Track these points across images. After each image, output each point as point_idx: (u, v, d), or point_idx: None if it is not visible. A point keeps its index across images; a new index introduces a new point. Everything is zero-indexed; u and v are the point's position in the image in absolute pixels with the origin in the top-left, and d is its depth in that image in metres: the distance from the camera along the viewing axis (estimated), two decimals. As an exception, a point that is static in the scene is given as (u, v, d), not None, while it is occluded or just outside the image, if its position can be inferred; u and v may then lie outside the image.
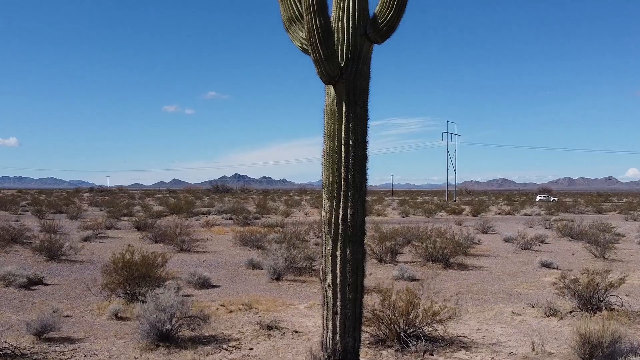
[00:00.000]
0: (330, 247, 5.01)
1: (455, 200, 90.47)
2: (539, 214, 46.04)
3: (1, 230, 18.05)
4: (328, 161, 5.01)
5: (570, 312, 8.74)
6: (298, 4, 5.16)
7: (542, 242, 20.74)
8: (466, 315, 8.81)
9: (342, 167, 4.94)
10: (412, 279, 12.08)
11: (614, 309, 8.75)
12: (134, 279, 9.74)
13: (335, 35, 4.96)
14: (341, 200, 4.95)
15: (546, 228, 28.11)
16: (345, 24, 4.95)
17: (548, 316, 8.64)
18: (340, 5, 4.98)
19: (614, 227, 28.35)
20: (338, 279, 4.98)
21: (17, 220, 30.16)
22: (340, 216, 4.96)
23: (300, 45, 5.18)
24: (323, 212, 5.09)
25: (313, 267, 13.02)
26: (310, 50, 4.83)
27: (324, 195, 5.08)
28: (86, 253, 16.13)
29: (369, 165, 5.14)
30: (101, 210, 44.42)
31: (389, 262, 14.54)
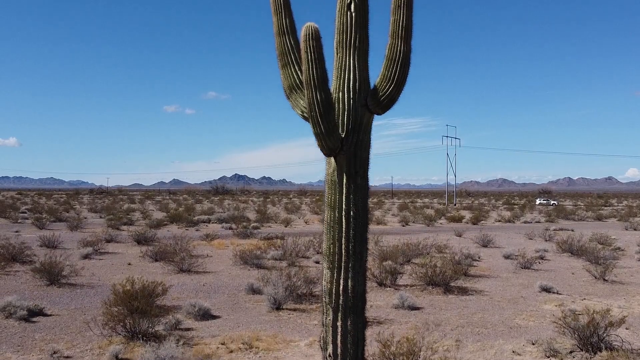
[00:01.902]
0: (331, 317, 5.01)
1: (455, 204, 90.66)
2: (539, 222, 46.09)
3: (1, 248, 18.07)
4: (329, 231, 5.01)
5: (571, 352, 8.75)
6: (299, 72, 5.16)
7: (542, 258, 20.77)
8: (466, 354, 8.82)
9: (343, 238, 4.94)
10: (413, 308, 12.08)
11: (614, 348, 8.76)
12: (135, 311, 9.76)
13: (336, 105, 4.96)
14: (342, 271, 4.96)
15: (546, 240, 28.12)
16: (345, 95, 4.95)
17: (548, 357, 8.64)
18: (340, 75, 4.98)
19: (614, 239, 28.47)
20: (339, 350, 4.98)
21: (17, 231, 30.21)
22: (341, 287, 4.96)
23: (301, 113, 5.18)
24: (324, 282, 5.09)
25: (313, 293, 13.02)
26: (310, 124, 4.83)
27: (325, 265, 5.09)
28: (86, 274, 16.13)
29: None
30: (101, 217, 44.45)
31: (389, 286, 14.54)
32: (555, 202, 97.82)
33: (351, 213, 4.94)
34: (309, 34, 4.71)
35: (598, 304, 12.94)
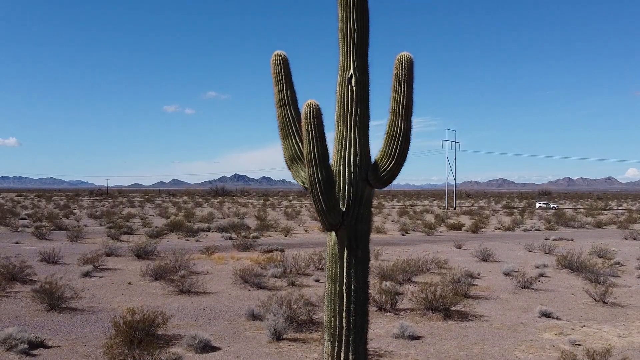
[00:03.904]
0: (331, 390, 5.02)
1: (454, 208, 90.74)
2: (538, 229, 46.15)
3: (1, 268, 18.09)
4: (330, 304, 5.03)
5: (570, 393, 8.78)
6: (300, 143, 5.18)
7: (541, 275, 20.79)
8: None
9: (344, 312, 4.96)
10: (413, 337, 12.10)
11: (613, 388, 8.79)
12: (137, 345, 9.80)
13: (337, 179, 4.98)
14: (342, 345, 4.97)
15: (546, 253, 28.16)
16: (346, 169, 4.97)
17: (548, 399, 8.67)
18: (341, 149, 5.00)
19: (614, 251, 28.52)
20: (340, 423, 4.99)
21: (17, 242, 30.23)
22: (342, 361, 4.97)
23: (302, 183, 5.20)
24: (325, 355, 5.11)
25: (313, 320, 13.04)
26: (311, 200, 4.85)
27: (326, 337, 5.11)
28: (87, 295, 16.14)
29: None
30: (101, 225, 44.48)
31: (389, 311, 14.55)
32: (554, 205, 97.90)
33: (352, 286, 4.97)
34: (310, 111, 4.73)
35: (597, 331, 12.98)
